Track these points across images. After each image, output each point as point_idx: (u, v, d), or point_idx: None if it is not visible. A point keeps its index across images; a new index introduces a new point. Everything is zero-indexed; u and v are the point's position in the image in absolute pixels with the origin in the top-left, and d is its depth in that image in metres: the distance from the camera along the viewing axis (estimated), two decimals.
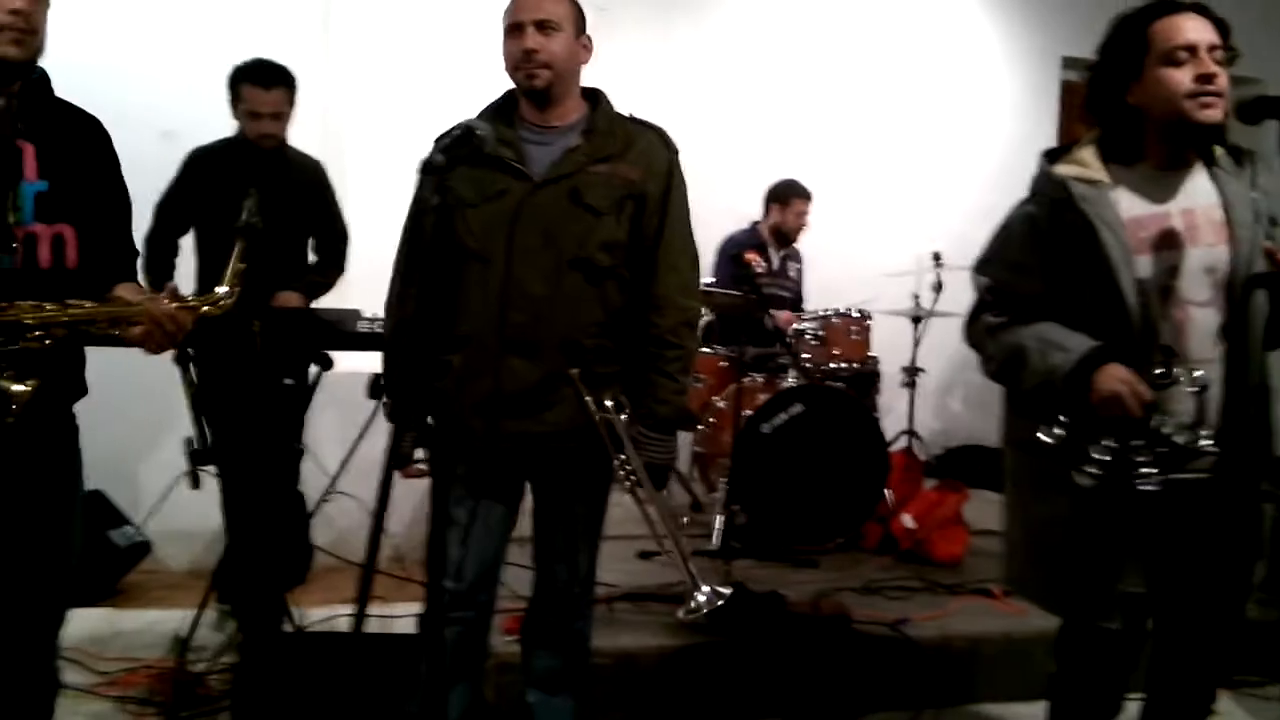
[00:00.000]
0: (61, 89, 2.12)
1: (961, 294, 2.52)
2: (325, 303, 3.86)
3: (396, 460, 2.39)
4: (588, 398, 2.30)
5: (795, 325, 4.74)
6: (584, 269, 2.33)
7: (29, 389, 1.89)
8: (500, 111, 2.43)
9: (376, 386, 2.51)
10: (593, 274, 2.34)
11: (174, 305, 1.98)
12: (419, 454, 2.37)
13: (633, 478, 2.27)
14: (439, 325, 2.39)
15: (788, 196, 5.19)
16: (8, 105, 1.96)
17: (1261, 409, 2.15)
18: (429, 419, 2.41)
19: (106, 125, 2.19)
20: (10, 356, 1.88)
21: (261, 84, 3.61)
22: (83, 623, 3.88)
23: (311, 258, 4.00)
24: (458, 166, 2.25)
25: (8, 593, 2.08)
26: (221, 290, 2.04)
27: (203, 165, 3.68)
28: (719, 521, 4.17)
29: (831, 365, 4.67)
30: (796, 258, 5.36)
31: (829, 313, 4.78)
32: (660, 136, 2.46)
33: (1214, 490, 2.09)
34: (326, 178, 3.94)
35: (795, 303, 5.29)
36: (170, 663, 3.32)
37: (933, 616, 3.52)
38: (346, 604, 4.09)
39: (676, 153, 2.46)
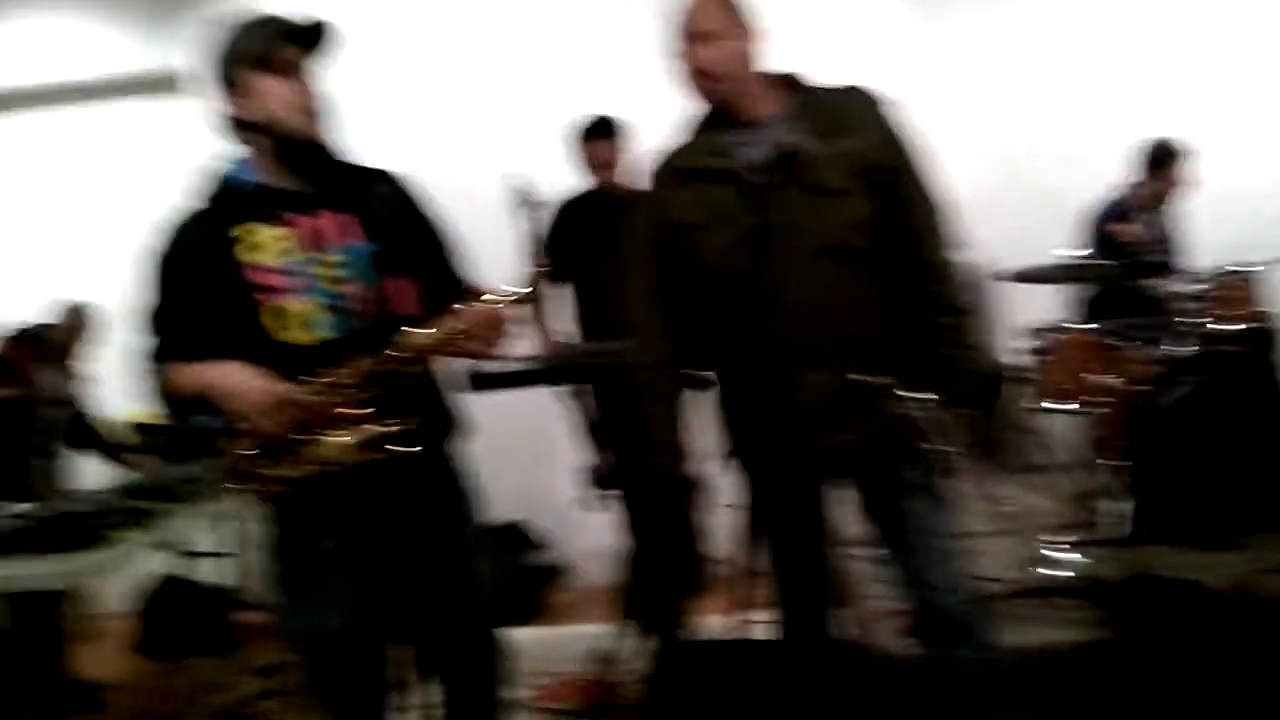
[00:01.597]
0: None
1: None
2: None
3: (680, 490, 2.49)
4: (881, 396, 2.19)
5: (1177, 288, 4.41)
6: (840, 256, 2.22)
7: (403, 427, 2.02)
8: (699, 122, 2.35)
9: None
10: (850, 259, 2.23)
11: (480, 307, 2.07)
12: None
13: (946, 460, 2.20)
14: (697, 357, 2.38)
15: (1167, 161, 4.85)
16: (320, 183, 2.12)
17: None
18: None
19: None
20: (383, 402, 2.03)
21: (592, 137, 3.94)
22: (512, 642, 4.27)
23: None
24: (675, 190, 2.29)
25: (436, 631, 2.30)
26: (518, 282, 2.13)
27: (565, 215, 3.99)
28: (1121, 508, 3.95)
29: (1225, 327, 4.30)
30: (1170, 218, 5.00)
31: (1219, 271, 4.40)
32: (869, 96, 2.30)
33: None
34: None
35: (1171, 266, 4.93)
36: (591, 675, 3.58)
37: None
38: (745, 612, 4.24)
39: (892, 106, 2.29)
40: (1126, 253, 4.40)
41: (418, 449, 2.04)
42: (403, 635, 2.27)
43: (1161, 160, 4.84)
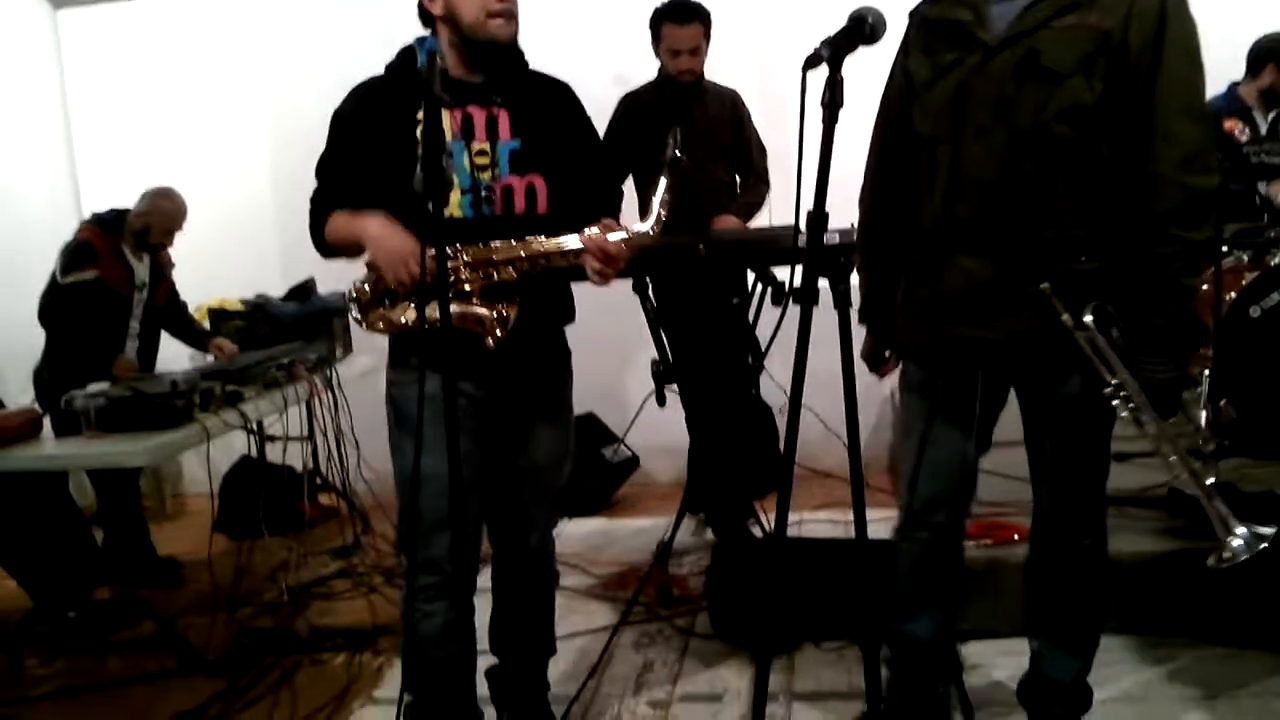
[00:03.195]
0: (530, 47, 2.35)
1: None
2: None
3: (870, 360, 2.45)
4: (1065, 315, 1.98)
5: None
6: (1041, 145, 1.99)
7: (506, 313, 2.16)
8: None
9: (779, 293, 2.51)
10: (1052, 150, 1.99)
11: (606, 235, 2.14)
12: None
13: (1130, 405, 1.96)
14: (906, 221, 2.22)
15: (1271, 54, 4.57)
16: (488, 79, 2.24)
17: None
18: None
19: (566, 74, 2.40)
20: (488, 289, 2.17)
21: (679, 20, 3.78)
22: (581, 532, 4.35)
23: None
24: (917, 42, 2.16)
25: (512, 502, 2.43)
26: (648, 223, 2.16)
27: (632, 108, 3.91)
28: (1204, 418, 3.83)
29: None
30: None
31: None
32: None
33: None
34: (743, 105, 4.03)
35: None
36: (656, 566, 3.61)
37: None
38: (812, 510, 4.25)
39: None
40: (1238, 154, 4.17)
41: (502, 335, 2.17)
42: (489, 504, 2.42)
43: (1272, 56, 4.56)
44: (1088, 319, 1.99)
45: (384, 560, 4.18)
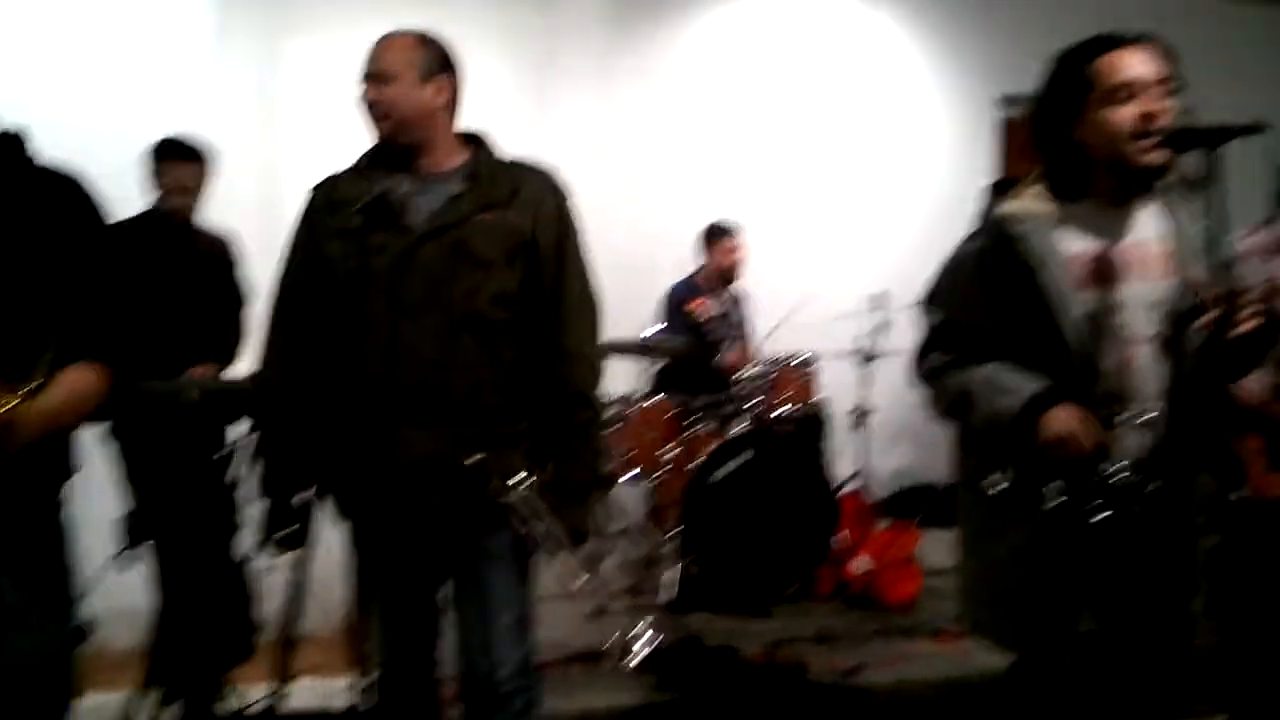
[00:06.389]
0: None
1: (908, 333, 2.47)
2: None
3: (276, 539, 2.30)
4: (496, 482, 2.17)
5: (743, 372, 4.71)
6: (475, 325, 2.21)
7: None
8: (376, 161, 2.31)
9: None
10: (485, 330, 2.21)
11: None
12: (295, 528, 2.28)
13: (551, 546, 2.20)
14: (322, 391, 2.27)
15: (714, 237, 5.18)
16: None
17: (1200, 444, 2.07)
18: (313, 489, 2.28)
19: None
20: None
21: (182, 158, 3.65)
22: None
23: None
24: (332, 219, 2.23)
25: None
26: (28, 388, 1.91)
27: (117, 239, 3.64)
28: (671, 574, 4.11)
29: (779, 410, 4.64)
30: (740, 298, 5.34)
31: (775, 357, 4.76)
32: (548, 181, 2.33)
33: (1153, 526, 2.03)
34: (232, 251, 3.93)
35: (733, 343, 5.26)
36: None
37: (887, 663, 3.49)
38: (294, 679, 3.99)
39: (566, 197, 2.34)
40: (700, 331, 4.64)
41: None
42: None
43: (713, 238, 5.17)
44: (516, 479, 2.17)
45: None
